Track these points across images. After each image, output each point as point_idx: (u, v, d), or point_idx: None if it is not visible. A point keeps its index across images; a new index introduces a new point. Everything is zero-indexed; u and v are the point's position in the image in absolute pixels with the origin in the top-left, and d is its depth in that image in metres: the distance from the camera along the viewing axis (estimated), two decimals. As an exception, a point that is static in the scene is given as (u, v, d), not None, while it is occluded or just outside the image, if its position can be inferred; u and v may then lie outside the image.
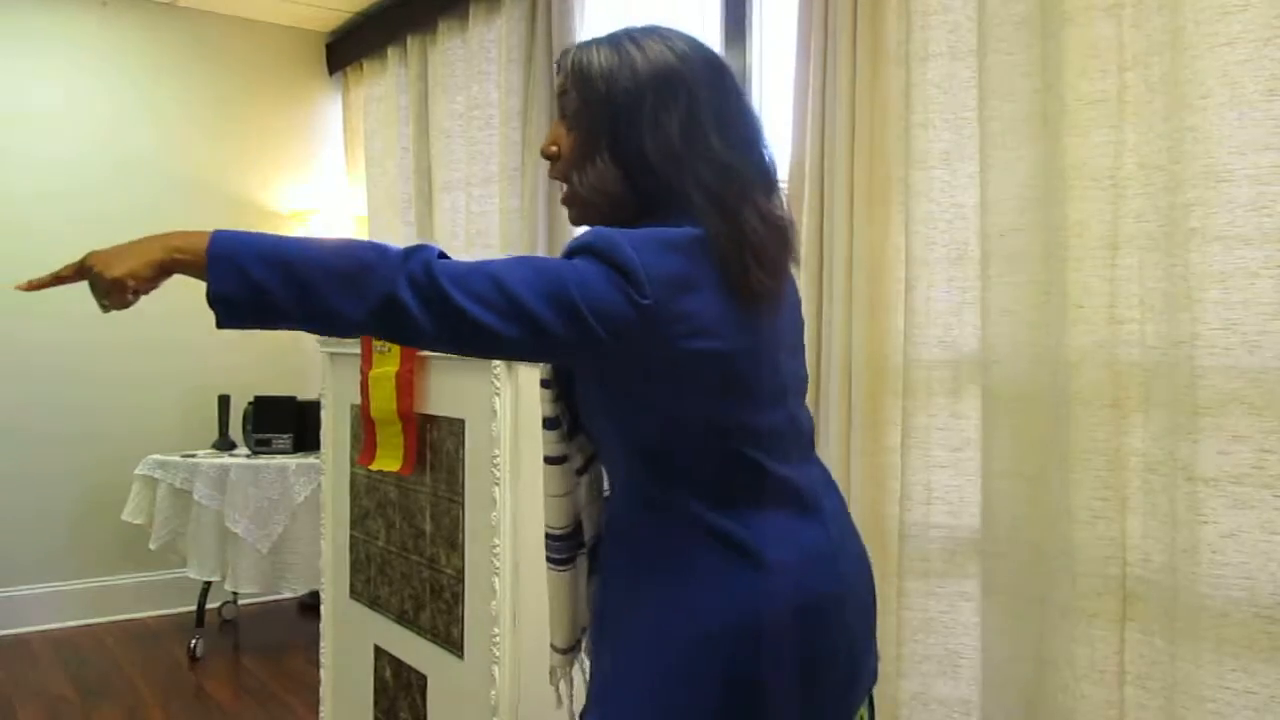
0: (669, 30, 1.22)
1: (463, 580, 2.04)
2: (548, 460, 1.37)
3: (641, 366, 1.14)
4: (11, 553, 4.23)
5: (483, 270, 1.06)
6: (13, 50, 4.24)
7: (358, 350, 2.34)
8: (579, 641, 1.48)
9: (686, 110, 1.15)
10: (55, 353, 4.31)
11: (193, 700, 3.49)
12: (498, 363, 1.90)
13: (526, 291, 1.04)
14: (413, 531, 2.23)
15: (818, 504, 1.26)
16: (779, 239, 1.17)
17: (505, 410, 1.90)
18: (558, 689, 1.52)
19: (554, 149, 1.23)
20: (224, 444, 4.21)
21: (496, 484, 1.91)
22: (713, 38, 2.99)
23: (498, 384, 1.90)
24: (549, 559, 1.42)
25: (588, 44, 1.22)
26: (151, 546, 3.92)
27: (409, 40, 4.32)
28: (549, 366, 1.35)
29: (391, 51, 4.47)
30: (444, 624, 2.11)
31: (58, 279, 1.21)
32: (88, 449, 4.36)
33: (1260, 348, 1.66)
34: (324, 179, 4.97)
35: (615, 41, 1.20)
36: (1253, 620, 1.67)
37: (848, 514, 1.34)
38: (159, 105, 4.55)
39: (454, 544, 2.07)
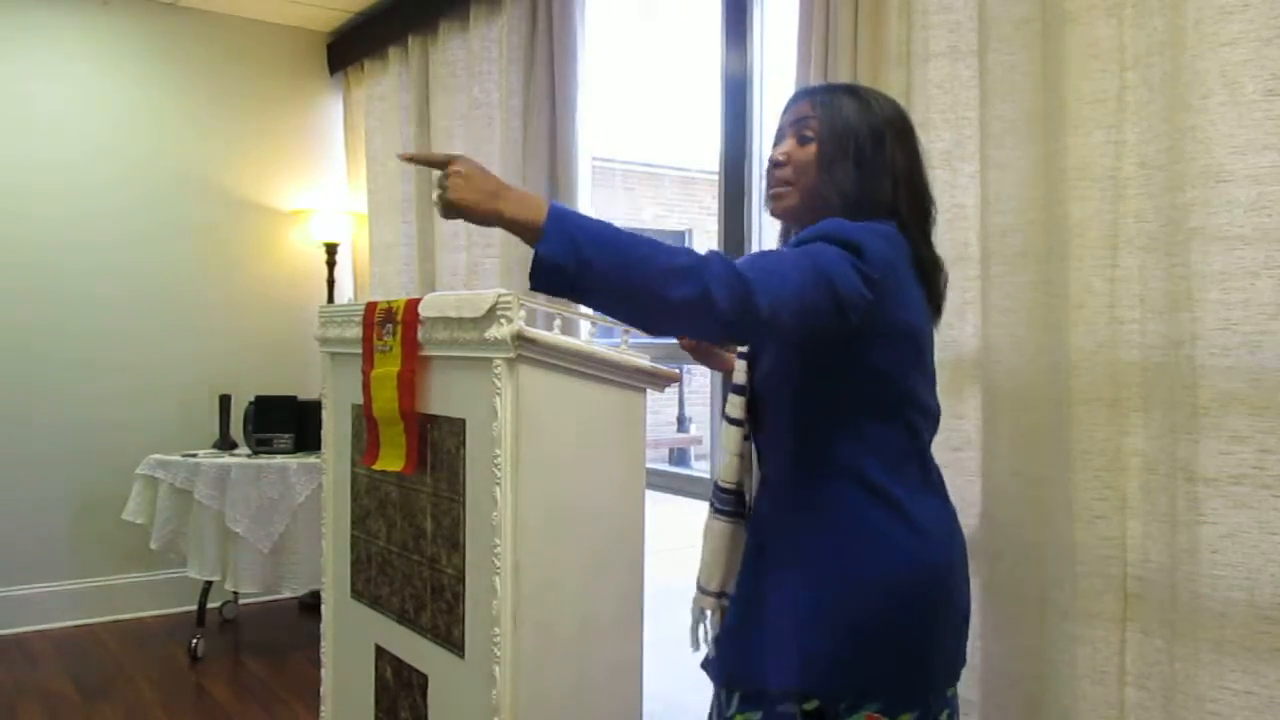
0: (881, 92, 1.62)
1: (463, 580, 2.05)
2: (728, 420, 1.62)
3: (866, 334, 1.38)
4: (12, 552, 4.23)
5: (768, 270, 1.27)
6: (13, 50, 4.24)
7: (359, 350, 2.34)
8: (721, 595, 1.68)
9: (907, 151, 1.53)
10: (56, 353, 4.32)
11: (193, 700, 3.50)
12: (499, 363, 1.90)
13: (805, 287, 1.28)
14: (413, 531, 2.23)
15: (943, 483, 1.56)
16: (941, 260, 1.56)
17: (506, 410, 1.90)
18: (697, 631, 1.71)
19: (784, 157, 1.54)
20: (225, 444, 4.21)
21: (497, 484, 1.91)
22: (713, 38, 2.99)
23: (498, 384, 1.90)
24: (716, 509, 1.66)
25: (831, 87, 1.59)
26: (152, 546, 3.92)
27: (410, 40, 4.32)
28: None
29: (393, 51, 4.47)
30: (445, 624, 2.11)
31: (430, 161, 1.35)
32: (88, 449, 4.37)
33: (1260, 348, 1.66)
34: (325, 178, 4.97)
35: (853, 90, 1.57)
36: (1252, 620, 1.67)
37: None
38: (160, 105, 4.55)
39: (455, 544, 2.07)
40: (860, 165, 1.49)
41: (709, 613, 1.69)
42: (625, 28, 3.92)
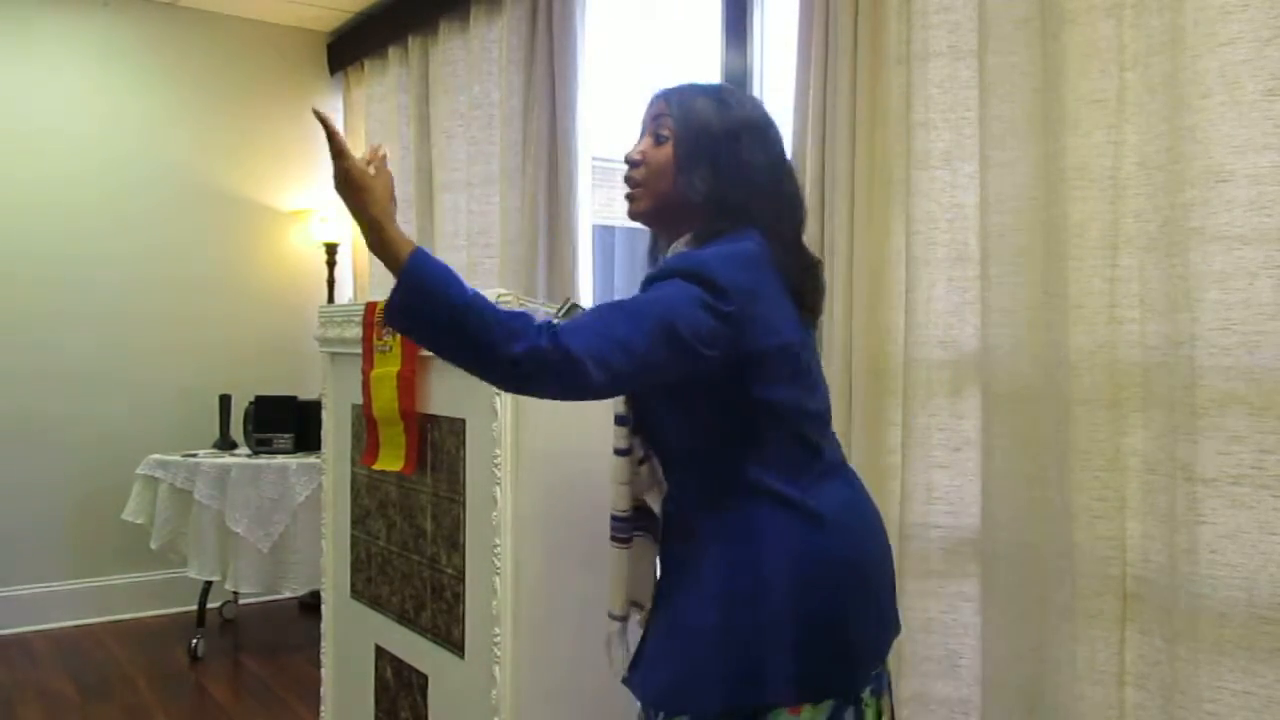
0: (744, 92, 1.59)
1: (463, 580, 2.05)
2: (616, 452, 1.59)
3: (732, 366, 1.38)
4: (12, 553, 4.23)
5: (601, 332, 1.29)
6: (13, 51, 4.24)
7: (359, 350, 2.34)
8: (633, 607, 1.68)
9: (776, 153, 1.50)
10: (56, 353, 4.32)
11: (193, 700, 3.50)
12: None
13: (643, 346, 1.29)
14: (413, 531, 2.23)
15: (848, 475, 1.57)
16: (818, 263, 1.54)
17: (506, 410, 1.90)
18: (610, 653, 1.69)
19: (639, 158, 1.51)
20: (225, 444, 4.21)
21: (497, 484, 1.91)
22: (713, 38, 2.99)
23: (498, 384, 1.90)
24: (611, 537, 1.63)
25: (688, 87, 1.53)
26: (152, 546, 3.92)
27: (410, 40, 4.32)
28: None
29: (393, 51, 4.47)
30: (445, 623, 2.11)
31: (339, 147, 1.38)
32: (88, 449, 4.37)
33: (1260, 348, 1.66)
34: (325, 178, 4.94)
35: (713, 90, 1.52)
36: (1251, 621, 1.67)
37: (863, 484, 1.61)
38: (160, 105, 4.55)
39: (455, 543, 2.07)
40: (716, 168, 1.45)
41: (613, 636, 1.69)
42: (625, 28, 3.92)
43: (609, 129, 3.72)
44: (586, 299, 3.48)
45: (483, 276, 3.85)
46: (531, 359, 1.26)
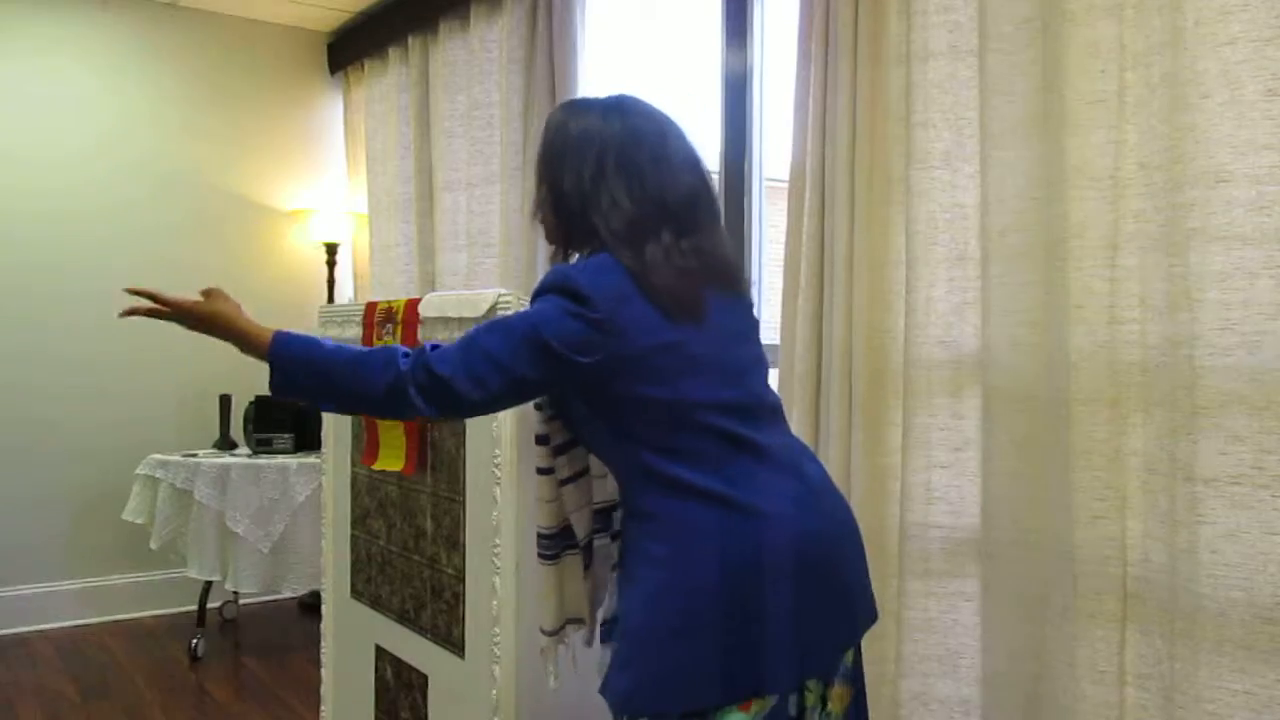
0: (612, 102, 1.55)
1: (463, 580, 2.05)
2: (538, 470, 1.67)
3: (616, 369, 1.40)
4: (12, 552, 4.23)
5: (470, 351, 1.40)
6: (12, 51, 4.24)
7: (358, 350, 2.34)
8: (564, 626, 1.76)
9: (596, 165, 1.48)
10: (55, 353, 4.32)
11: (193, 700, 3.50)
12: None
13: (506, 356, 1.39)
14: (413, 531, 2.23)
15: (793, 462, 1.52)
16: (680, 269, 1.45)
17: (506, 410, 1.90)
18: (546, 667, 1.77)
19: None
20: (225, 444, 4.21)
21: (497, 483, 1.91)
22: (713, 37, 2.99)
23: (498, 384, 1.90)
24: (539, 554, 1.72)
25: (563, 104, 1.61)
26: (152, 546, 3.92)
27: (410, 40, 4.32)
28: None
29: (393, 51, 4.47)
30: (445, 623, 2.11)
31: (168, 305, 1.60)
32: (89, 449, 4.37)
33: (1260, 348, 1.66)
34: (325, 179, 4.97)
35: (562, 108, 1.59)
36: (1252, 620, 1.67)
37: (829, 478, 1.59)
38: (160, 105, 4.56)
39: (455, 543, 2.07)
40: (552, 192, 1.53)
41: (546, 650, 1.75)
42: (625, 28, 3.92)
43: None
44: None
45: (483, 276, 3.85)
46: (400, 385, 1.40)
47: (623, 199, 1.46)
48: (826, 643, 1.50)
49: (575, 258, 1.55)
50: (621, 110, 1.53)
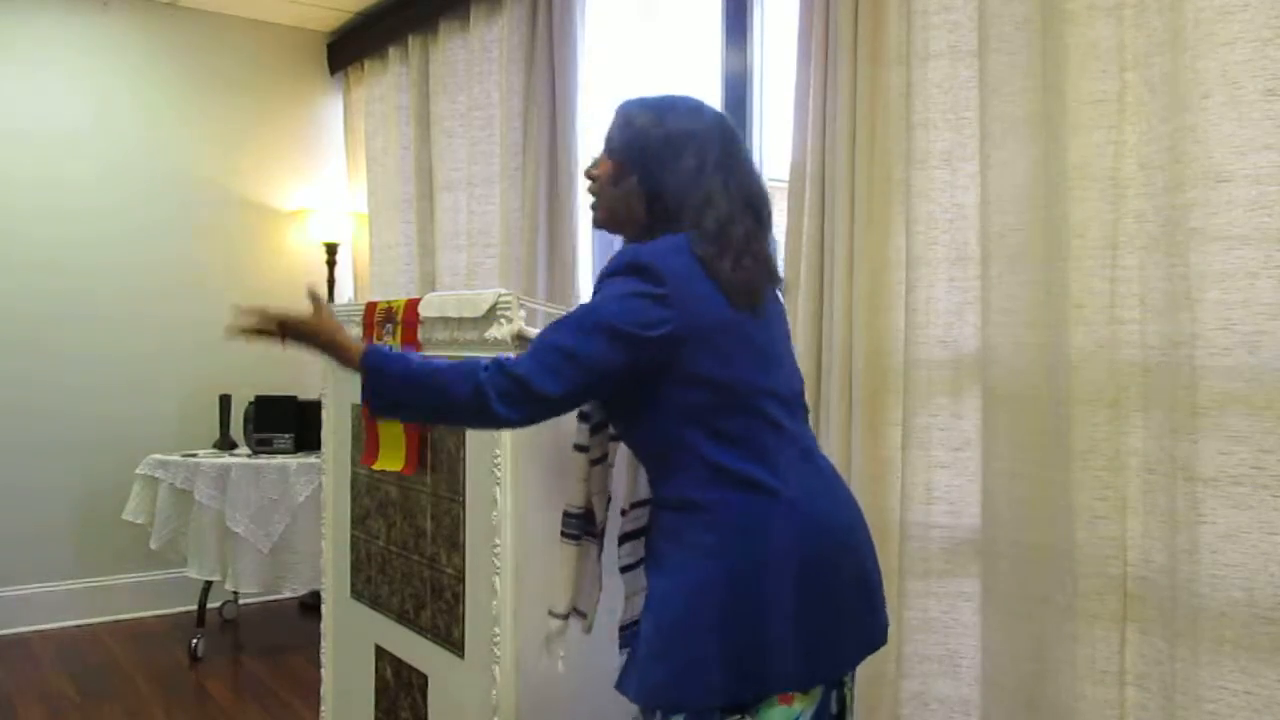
0: (696, 102, 1.62)
1: (463, 580, 2.05)
2: (576, 447, 1.69)
3: (680, 344, 1.44)
4: (12, 552, 4.23)
5: (546, 349, 1.44)
6: (13, 50, 4.24)
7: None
8: (573, 611, 1.77)
9: (697, 163, 1.53)
10: (55, 352, 4.32)
11: (193, 700, 3.50)
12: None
13: (578, 346, 1.42)
14: (413, 531, 2.23)
15: (823, 463, 1.60)
16: (751, 262, 1.52)
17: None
18: (556, 652, 1.77)
19: (595, 171, 1.62)
20: (225, 444, 4.21)
21: (497, 484, 1.91)
22: (713, 37, 2.99)
23: (498, 384, 1.90)
24: (562, 533, 1.72)
25: (634, 101, 1.63)
26: (152, 546, 3.92)
27: (410, 40, 4.32)
28: None
29: (393, 51, 4.47)
30: (445, 623, 2.11)
31: (273, 319, 1.62)
32: (89, 449, 4.37)
33: (1260, 348, 1.66)
34: (325, 178, 4.97)
35: (652, 103, 1.61)
36: (1252, 620, 1.67)
37: (836, 471, 1.65)
38: (160, 105, 4.55)
39: (455, 543, 2.07)
40: (645, 179, 1.55)
41: (552, 634, 1.76)
42: (625, 28, 3.92)
43: (609, 129, 3.69)
44: (586, 299, 3.47)
45: (483, 277, 3.85)
46: (483, 392, 1.41)
47: (719, 198, 1.52)
48: (858, 640, 1.54)
49: (622, 244, 1.60)
50: (703, 112, 1.60)
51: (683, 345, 1.44)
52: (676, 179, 1.53)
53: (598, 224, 1.65)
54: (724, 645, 1.42)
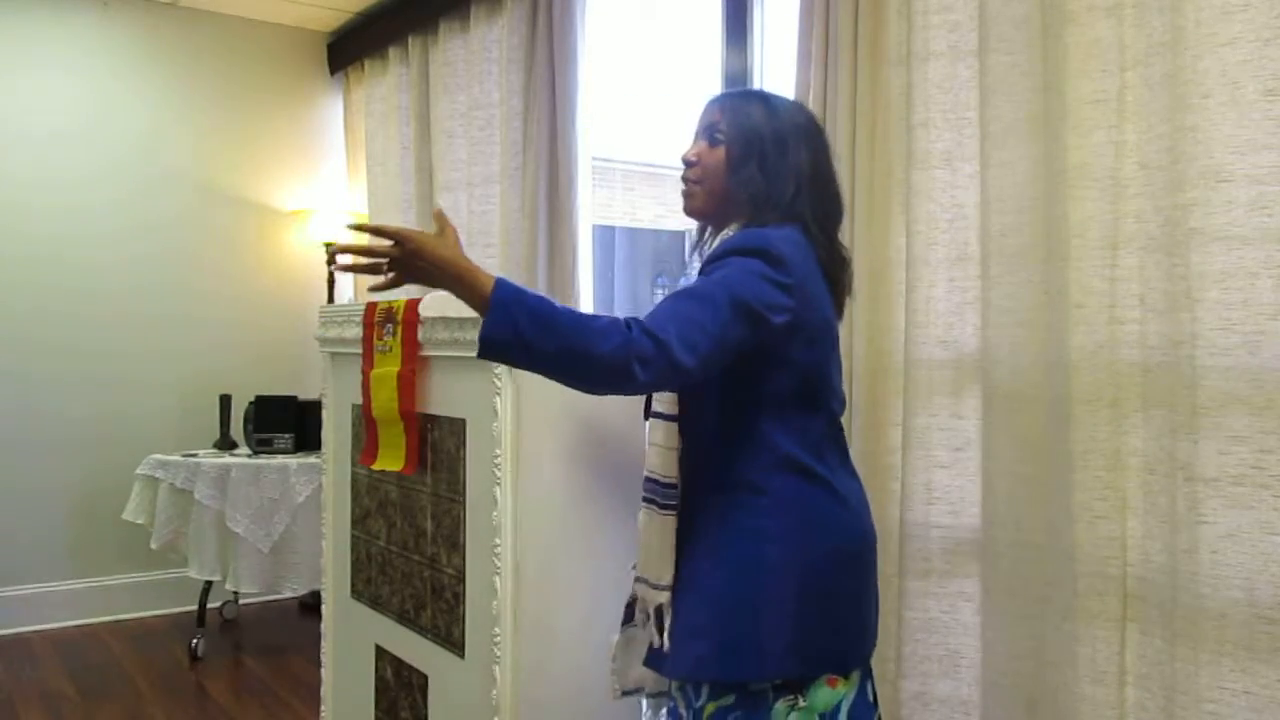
0: (793, 100, 1.72)
1: (464, 580, 2.05)
2: (665, 417, 1.62)
3: (793, 334, 1.48)
4: (12, 552, 4.23)
5: (679, 318, 1.38)
6: (12, 51, 4.24)
7: (359, 350, 2.34)
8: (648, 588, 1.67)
9: (812, 158, 1.59)
10: (57, 353, 4.32)
11: (193, 700, 3.50)
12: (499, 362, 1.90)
13: (723, 326, 1.39)
14: (414, 531, 2.23)
15: (849, 456, 1.65)
16: (848, 266, 1.64)
17: (506, 410, 1.90)
18: (650, 628, 1.64)
19: (695, 158, 1.62)
20: (225, 443, 4.21)
21: (498, 484, 1.91)
22: (713, 38, 2.99)
23: (499, 384, 1.90)
24: (660, 505, 1.62)
25: (740, 93, 1.68)
26: (152, 546, 3.92)
27: (410, 40, 4.32)
28: None
29: (393, 51, 4.47)
30: (445, 624, 2.11)
31: (395, 235, 1.44)
32: (89, 449, 4.37)
33: (1260, 348, 1.66)
34: (325, 178, 4.97)
35: (763, 97, 1.64)
36: (1252, 620, 1.67)
37: None
38: (159, 105, 4.55)
39: (455, 544, 2.07)
40: (764, 168, 1.57)
41: (664, 607, 1.63)
42: (625, 28, 3.92)
43: (609, 129, 3.71)
44: (586, 299, 3.48)
45: (483, 276, 3.84)
46: (624, 351, 1.32)
47: (832, 190, 1.62)
48: (875, 634, 1.62)
49: (732, 228, 1.58)
50: (804, 109, 1.68)
51: (794, 336, 1.48)
52: (791, 173, 1.56)
53: (692, 212, 1.66)
54: (781, 624, 1.47)
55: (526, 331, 1.34)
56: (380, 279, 1.46)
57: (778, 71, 2.83)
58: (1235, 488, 1.69)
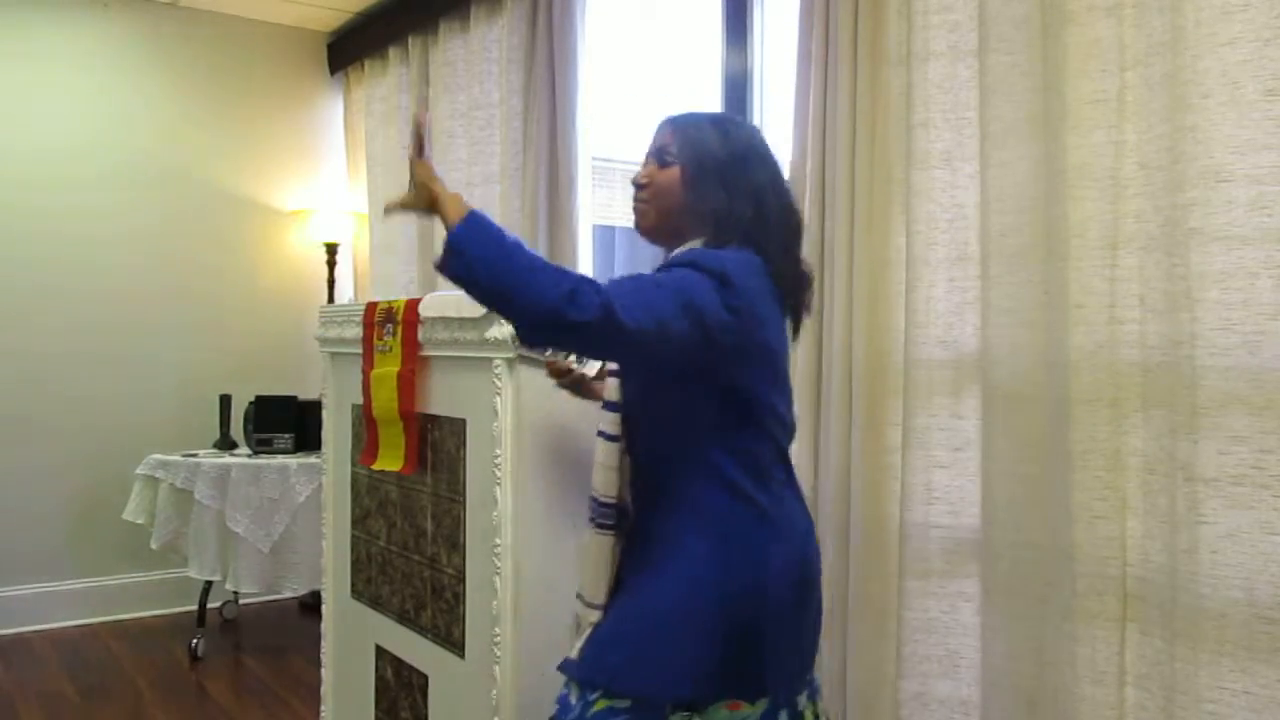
0: (747, 122, 1.73)
1: (464, 580, 2.05)
2: (607, 437, 1.65)
3: (729, 353, 1.47)
4: (12, 552, 4.23)
5: (632, 291, 1.39)
6: (13, 49, 4.24)
7: (359, 350, 2.34)
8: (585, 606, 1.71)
9: (770, 176, 1.60)
10: (57, 353, 4.32)
11: (193, 700, 3.50)
12: (499, 363, 1.90)
13: (669, 311, 1.39)
14: (414, 531, 2.23)
15: (800, 493, 1.64)
16: (807, 295, 1.64)
17: (506, 410, 1.90)
18: (577, 640, 1.69)
19: (645, 180, 1.63)
20: (225, 443, 4.21)
21: (498, 484, 1.91)
22: (713, 38, 2.99)
23: (499, 384, 1.90)
24: (598, 524, 1.67)
25: (691, 115, 1.65)
26: (153, 546, 3.92)
27: (410, 40, 4.32)
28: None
29: (393, 51, 4.47)
30: (445, 623, 2.11)
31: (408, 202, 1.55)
32: (89, 448, 4.37)
33: (1260, 348, 1.66)
34: (325, 178, 4.97)
35: (715, 119, 1.65)
36: (1252, 621, 1.67)
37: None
38: (160, 105, 4.55)
39: (455, 544, 2.07)
40: (725, 186, 1.57)
41: (585, 626, 1.69)
42: (625, 28, 3.92)
43: (609, 129, 3.71)
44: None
45: (483, 276, 3.84)
46: (576, 291, 1.34)
47: (788, 209, 1.61)
48: (808, 662, 1.62)
49: (688, 245, 1.58)
50: (759, 133, 1.67)
51: (738, 360, 1.49)
52: (748, 193, 1.56)
53: (646, 230, 1.65)
54: (695, 646, 1.48)
55: (487, 251, 1.39)
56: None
57: (778, 71, 2.83)
58: (1235, 488, 1.69)
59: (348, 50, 4.84)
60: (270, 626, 4.42)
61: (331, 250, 4.81)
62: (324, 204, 4.81)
